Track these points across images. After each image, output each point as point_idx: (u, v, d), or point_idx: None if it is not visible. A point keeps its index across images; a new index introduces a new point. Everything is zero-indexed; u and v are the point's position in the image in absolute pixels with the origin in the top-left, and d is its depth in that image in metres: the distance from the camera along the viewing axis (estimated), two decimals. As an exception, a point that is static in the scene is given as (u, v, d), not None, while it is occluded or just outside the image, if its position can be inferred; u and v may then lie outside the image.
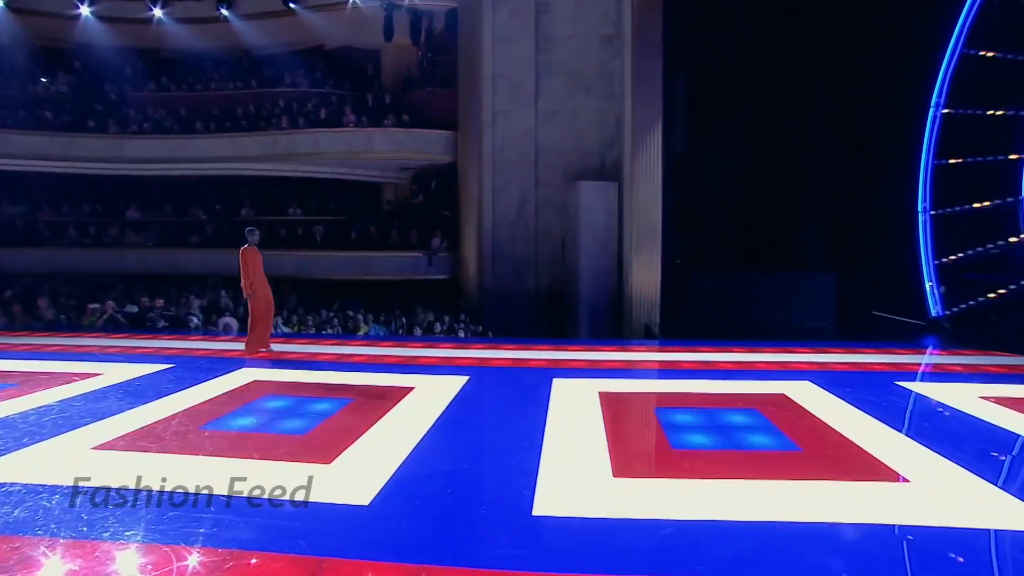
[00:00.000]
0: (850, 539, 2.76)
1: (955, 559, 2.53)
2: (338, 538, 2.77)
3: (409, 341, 8.44)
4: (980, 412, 4.71)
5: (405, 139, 13.29)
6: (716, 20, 11.26)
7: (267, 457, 3.68)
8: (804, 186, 11.42)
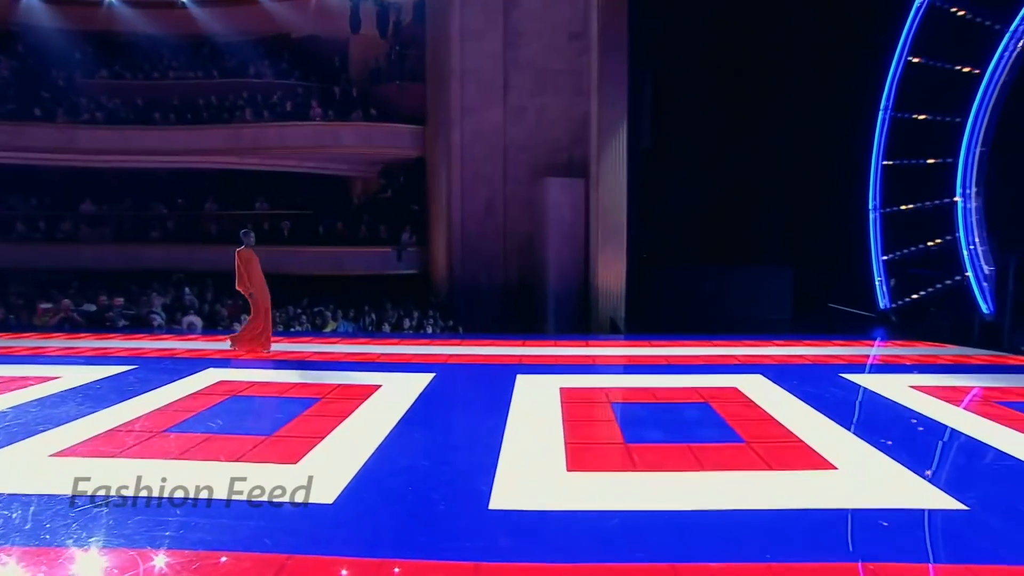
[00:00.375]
0: (777, 523, 3.04)
1: (882, 524, 2.84)
2: (303, 536, 2.90)
3: (377, 338, 8.53)
4: (908, 401, 5.13)
5: (373, 134, 13.28)
6: (681, 20, 11.57)
7: (234, 459, 3.75)
8: (764, 183, 11.91)
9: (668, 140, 11.77)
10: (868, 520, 3.07)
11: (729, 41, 11.49)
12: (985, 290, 8.26)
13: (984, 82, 8.15)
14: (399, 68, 14.47)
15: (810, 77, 11.02)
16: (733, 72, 11.54)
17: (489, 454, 3.91)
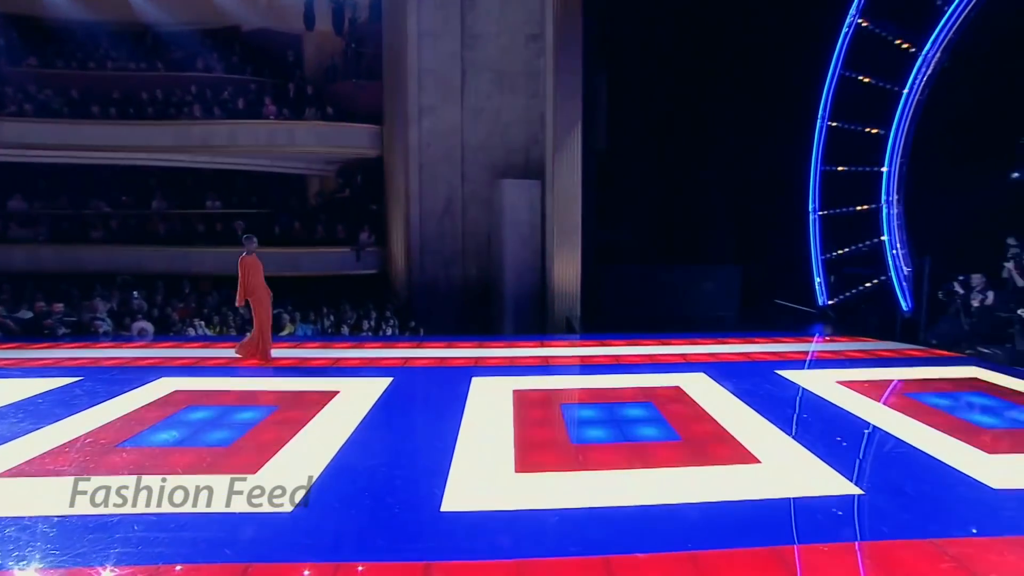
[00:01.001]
0: (701, 515, 3.40)
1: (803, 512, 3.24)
2: (263, 544, 3.08)
3: (335, 341, 8.61)
4: (833, 396, 5.65)
5: (329, 133, 13.15)
6: (633, 24, 12.01)
7: (192, 471, 3.80)
8: (714, 186, 12.52)
9: (622, 142, 12.21)
10: (784, 508, 3.49)
11: (680, 47, 12.00)
12: (904, 289, 9.07)
13: (903, 99, 8.92)
14: (355, 66, 14.33)
15: (757, 85, 11.64)
16: (684, 77, 12.07)
17: (443, 458, 4.15)
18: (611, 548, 3.02)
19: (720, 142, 12.42)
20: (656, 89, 12.22)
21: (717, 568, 2.83)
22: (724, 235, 12.45)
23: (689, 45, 12.05)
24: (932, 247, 8.49)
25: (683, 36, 12.01)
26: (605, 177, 11.96)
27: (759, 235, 12.06)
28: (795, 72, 10.71)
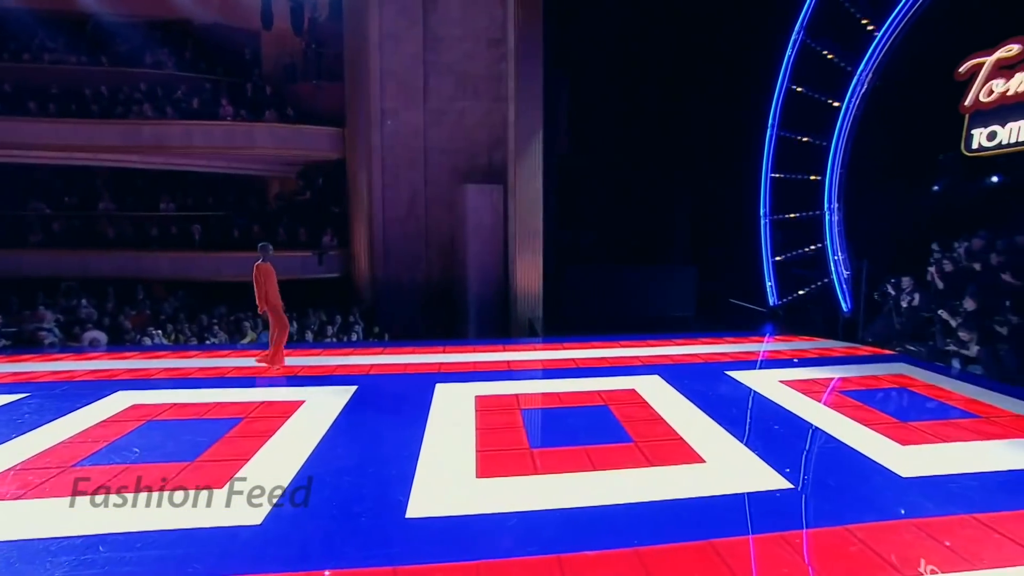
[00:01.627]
0: (649, 513, 3.73)
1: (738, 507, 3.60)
2: (232, 557, 3.23)
3: (300, 349, 8.61)
4: (774, 395, 6.12)
5: (290, 135, 13.01)
6: (593, 31, 12.38)
7: (156, 488, 3.86)
8: (671, 189, 13.06)
9: (583, 145, 12.59)
10: (723, 504, 3.85)
11: (639, 55, 12.45)
12: (844, 291, 9.78)
13: (841, 114, 9.61)
14: (316, 67, 14.21)
15: (712, 94, 12.20)
16: (643, 85, 12.55)
17: (407, 465, 4.36)
18: (564, 547, 3.30)
19: (677, 148, 12.96)
20: (616, 95, 12.66)
21: (659, 562, 3.15)
22: (681, 237, 13.02)
23: (648, 54, 12.53)
24: (869, 251, 9.20)
25: (642, 45, 12.47)
26: (566, 180, 12.31)
27: (714, 238, 12.67)
28: (748, 83, 11.32)
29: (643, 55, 12.50)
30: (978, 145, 7.92)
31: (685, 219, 13.06)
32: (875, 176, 9.45)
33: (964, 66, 7.87)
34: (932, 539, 3.41)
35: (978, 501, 3.89)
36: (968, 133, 7.97)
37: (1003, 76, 7.52)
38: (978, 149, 7.95)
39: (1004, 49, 7.47)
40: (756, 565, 3.15)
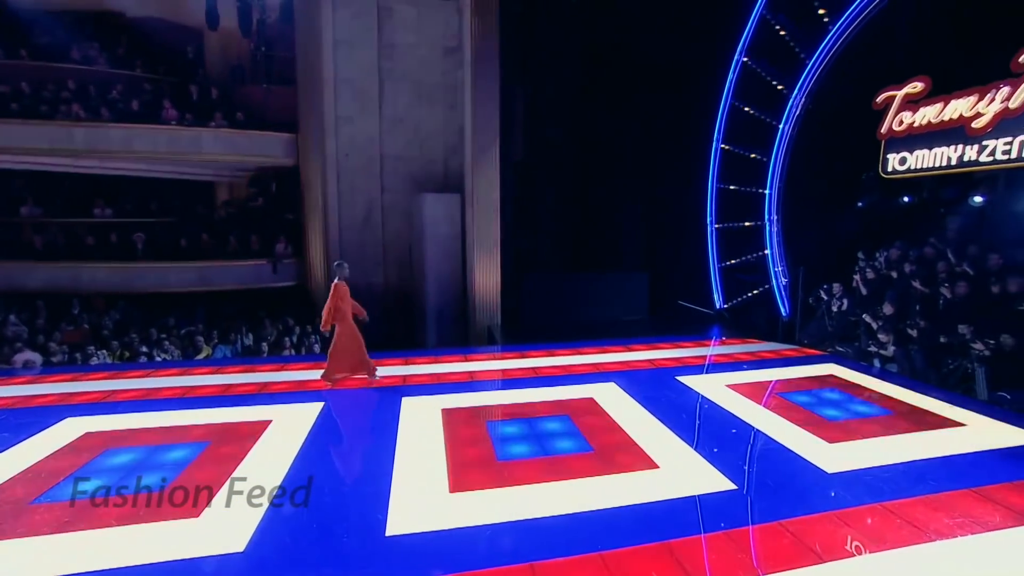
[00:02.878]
0: (610, 519, 4.12)
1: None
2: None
3: (260, 364, 8.55)
4: (721, 399, 6.70)
5: (241, 141, 12.69)
6: (547, 40, 12.77)
7: (127, 522, 3.86)
8: (624, 198, 13.67)
9: (537, 154, 12.97)
10: (676, 507, 4.29)
11: (593, 67, 12.95)
12: (784, 296, 10.64)
13: (779, 133, 10.45)
14: (266, 70, 13.94)
15: (662, 105, 12.84)
16: (597, 95, 13.04)
17: (382, 483, 4.59)
18: (536, 555, 3.64)
19: (629, 158, 13.58)
20: (569, 106, 13.10)
21: (621, 564, 3.55)
22: (634, 245, 13.65)
23: (600, 66, 13.03)
24: (805, 260, 10.06)
25: (595, 58, 12.96)
26: (522, 189, 12.65)
27: (665, 245, 13.38)
28: (696, 99, 12.02)
29: (596, 67, 13.00)
30: (892, 168, 8.88)
31: (638, 227, 13.72)
32: (810, 191, 10.36)
33: (880, 97, 8.82)
34: (848, 527, 3.98)
35: (886, 491, 4.52)
36: (884, 157, 8.92)
37: (910, 109, 8.49)
38: (893, 172, 8.91)
39: (911, 86, 8.43)
40: (707, 562, 3.59)
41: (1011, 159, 7.35)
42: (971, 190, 8.51)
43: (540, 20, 12.55)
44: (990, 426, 6.00)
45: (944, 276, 8.36)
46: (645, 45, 12.51)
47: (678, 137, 12.54)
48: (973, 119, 7.64)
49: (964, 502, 4.39)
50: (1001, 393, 7.02)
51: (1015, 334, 7.16)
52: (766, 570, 3.48)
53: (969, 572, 3.54)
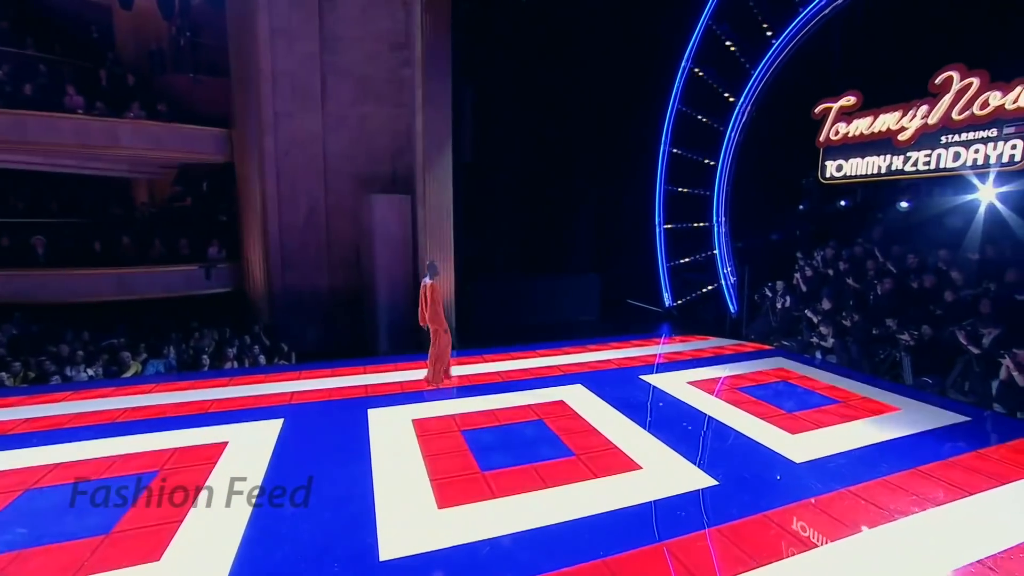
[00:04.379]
0: (606, 523, 4.16)
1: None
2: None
3: (203, 379, 7.92)
4: (685, 396, 6.96)
5: (166, 135, 11.61)
6: (497, 41, 12.73)
7: (73, 572, 3.46)
8: (574, 201, 13.91)
9: (488, 156, 12.91)
10: (666, 507, 4.40)
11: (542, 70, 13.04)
12: (732, 294, 11.26)
13: (726, 138, 11.05)
14: (192, 58, 12.89)
15: (611, 110, 13.17)
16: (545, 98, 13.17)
17: (364, 504, 4.39)
18: (540, 568, 3.61)
19: (580, 161, 13.83)
20: (519, 107, 13.13)
21: (624, 568, 3.59)
22: (585, 246, 13.92)
23: (551, 69, 13.15)
24: (751, 259, 10.68)
25: (545, 60, 13.06)
26: (471, 191, 12.55)
27: (615, 246, 13.75)
28: (644, 103, 12.43)
29: (546, 70, 13.10)
30: (830, 175, 9.63)
31: (589, 229, 14.01)
32: (755, 194, 11.01)
33: (817, 108, 9.55)
34: (824, 513, 4.27)
35: (848, 476, 4.90)
36: (823, 164, 9.65)
37: (845, 120, 9.25)
38: (830, 178, 9.66)
39: (845, 99, 9.20)
40: (703, 559, 3.71)
41: (931, 169, 8.19)
42: (898, 196, 9.39)
43: (489, 20, 12.48)
44: (920, 409, 6.65)
45: (873, 274, 9.14)
46: (596, 49, 12.78)
47: (628, 140, 12.93)
48: (899, 132, 8.43)
49: (912, 482, 4.83)
50: (924, 378, 7.78)
51: (933, 326, 7.95)
52: (763, 561, 3.64)
53: (931, 544, 3.88)
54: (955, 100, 7.78)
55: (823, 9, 9.25)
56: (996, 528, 4.10)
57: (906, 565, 3.67)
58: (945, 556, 3.76)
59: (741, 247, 11.27)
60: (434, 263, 7.47)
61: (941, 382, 7.64)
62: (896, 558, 3.74)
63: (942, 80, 7.92)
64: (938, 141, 8.07)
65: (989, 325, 7.31)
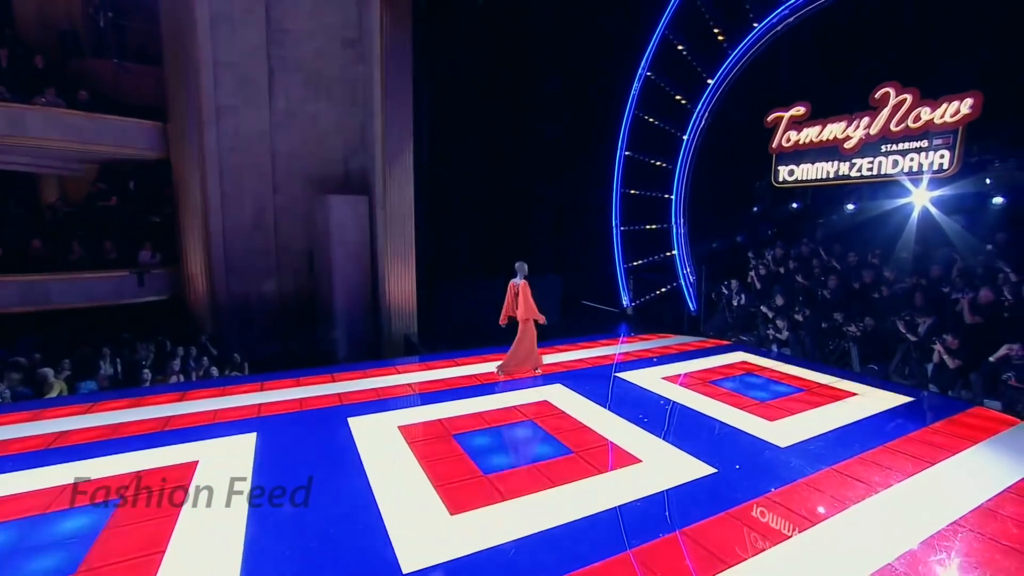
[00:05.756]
0: (622, 516, 4.22)
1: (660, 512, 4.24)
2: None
3: (150, 395, 7.23)
4: (663, 391, 7.20)
5: (86, 126, 10.51)
6: (456, 42, 12.64)
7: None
8: (534, 205, 14.04)
9: (445, 158, 12.77)
10: (675, 496, 4.51)
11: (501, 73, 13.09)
12: (691, 293, 11.77)
13: (684, 144, 11.57)
14: (116, 42, 11.78)
15: (568, 113, 13.41)
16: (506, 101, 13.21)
17: (369, 515, 4.19)
18: (570, 566, 3.60)
19: (538, 163, 13.97)
20: (478, 110, 13.09)
21: (651, 557, 3.66)
22: (545, 248, 14.06)
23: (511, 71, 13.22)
24: (707, 259, 11.21)
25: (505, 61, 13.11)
26: (430, 193, 12.38)
27: (576, 248, 13.99)
28: (603, 108, 12.75)
29: (506, 72, 13.15)
30: (782, 179, 10.35)
31: (548, 232, 14.18)
32: (712, 197, 11.59)
33: (770, 117, 10.24)
34: (817, 491, 4.56)
35: (829, 456, 5.27)
36: (776, 169, 10.35)
37: (796, 129, 9.99)
38: (783, 182, 10.38)
39: (795, 109, 9.95)
40: (723, 541, 3.84)
41: (873, 175, 9.01)
42: (845, 199, 10.21)
43: (446, 18, 12.36)
44: (873, 393, 7.27)
45: (819, 271, 9.87)
46: (555, 52, 12.98)
47: (587, 144, 13.21)
48: (844, 141, 9.21)
49: (883, 457, 5.29)
50: (871, 365, 8.49)
51: (875, 317, 8.70)
52: (777, 540, 3.83)
53: (910, 510, 4.25)
54: (892, 113, 8.62)
55: (775, 27, 9.96)
56: (960, 493, 4.57)
57: (897, 532, 3.98)
58: (927, 522, 4.13)
59: (697, 248, 11.83)
60: (523, 264, 8.04)
61: (885, 368, 8.37)
62: (890, 525, 4.06)
63: (880, 95, 8.76)
64: (879, 149, 8.90)
65: (923, 315, 8.10)
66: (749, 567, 3.58)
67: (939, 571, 3.60)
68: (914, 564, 3.65)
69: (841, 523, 4.12)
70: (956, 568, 3.64)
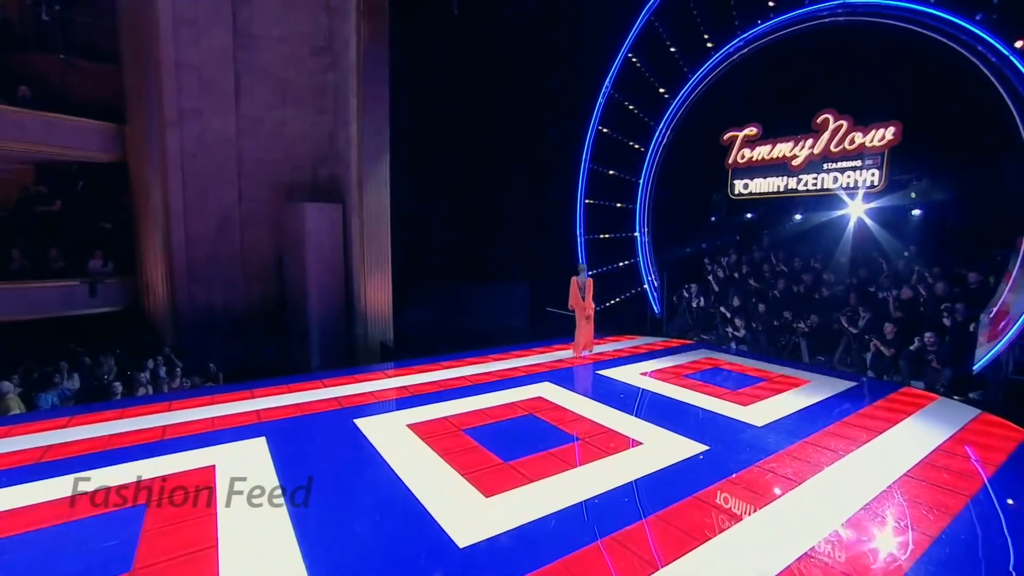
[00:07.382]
0: (637, 488, 4.76)
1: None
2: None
3: (133, 406, 7.04)
4: (644, 384, 7.88)
5: (30, 125, 9.95)
6: (427, 54, 13.00)
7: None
8: (504, 213, 14.57)
9: (419, 168, 13.04)
10: (681, 469, 5.11)
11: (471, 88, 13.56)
12: (655, 297, 12.67)
13: (647, 158, 12.53)
14: (63, 37, 11.20)
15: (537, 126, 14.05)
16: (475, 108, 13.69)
17: (410, 503, 4.48)
18: (614, 526, 4.09)
19: (509, 175, 14.53)
20: (448, 119, 13.49)
21: (676, 516, 4.21)
22: (513, 257, 14.60)
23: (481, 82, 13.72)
24: (668, 265, 12.15)
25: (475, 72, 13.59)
26: (402, 201, 12.62)
27: (542, 256, 14.62)
28: (568, 123, 13.50)
29: (476, 83, 13.63)
30: (738, 192, 11.49)
31: (517, 240, 14.73)
32: (672, 207, 12.58)
33: (725, 136, 11.38)
34: (797, 460, 5.32)
35: (799, 432, 6.09)
36: (732, 182, 11.47)
37: (749, 147, 11.17)
38: (739, 195, 11.51)
39: (749, 129, 11.13)
40: (730, 503, 4.47)
41: (817, 189, 10.29)
42: (793, 210, 11.44)
43: (419, 30, 12.70)
44: (823, 380, 8.30)
45: (769, 275, 11.00)
46: (525, 67, 13.61)
47: (554, 156, 13.89)
48: (792, 159, 10.46)
49: (843, 430, 6.20)
50: (819, 357, 9.61)
51: (819, 314, 9.86)
52: (772, 498, 4.53)
53: (871, 469, 5.10)
54: (832, 136, 9.93)
55: (731, 55, 11.14)
56: (905, 453, 5.51)
57: (867, 484, 4.78)
58: (885, 475, 5.01)
59: (659, 255, 12.77)
60: (584, 267, 10.02)
61: (830, 359, 9.50)
62: (860, 480, 4.86)
63: (821, 120, 10.08)
64: (821, 167, 10.20)
65: (863, 311, 9.30)
66: (758, 517, 4.22)
67: (900, 509, 4.40)
68: (884, 503, 4.47)
69: (823, 481, 4.89)
70: (910, 506, 4.46)
